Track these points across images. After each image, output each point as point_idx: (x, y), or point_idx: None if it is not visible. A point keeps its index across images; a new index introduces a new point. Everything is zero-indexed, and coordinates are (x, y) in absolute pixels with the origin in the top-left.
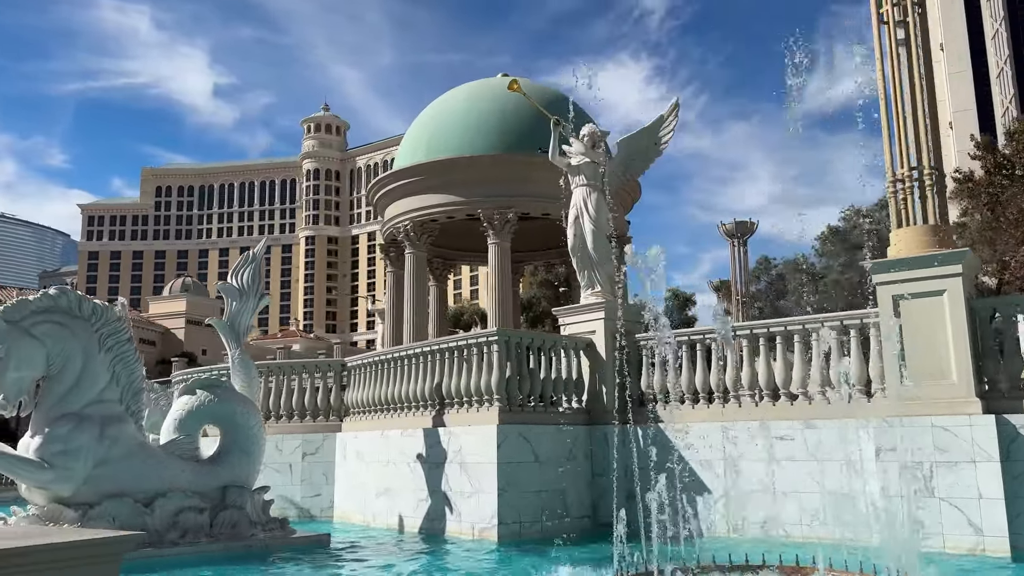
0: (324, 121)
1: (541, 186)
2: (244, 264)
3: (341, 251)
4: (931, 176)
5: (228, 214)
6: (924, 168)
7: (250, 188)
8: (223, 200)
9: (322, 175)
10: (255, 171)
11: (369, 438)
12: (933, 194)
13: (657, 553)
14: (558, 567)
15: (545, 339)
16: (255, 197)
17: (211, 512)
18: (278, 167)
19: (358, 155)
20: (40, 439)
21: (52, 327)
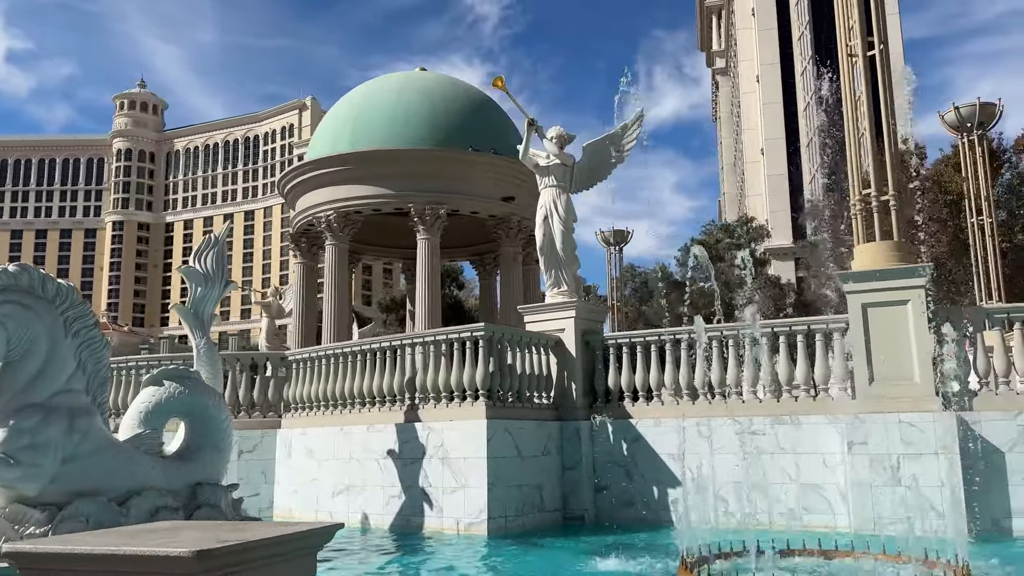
0: (139, 98)
1: (473, 184)
2: (207, 247)
3: (153, 239)
4: (894, 197)
5: (24, 192)
6: (888, 190)
7: (50, 165)
8: (17, 177)
9: (135, 156)
10: (57, 147)
11: (322, 434)
12: (896, 213)
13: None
14: (595, 558)
15: (522, 335)
16: (56, 175)
17: (184, 511)
18: (84, 144)
19: (176, 137)
20: (3, 432)
21: (13, 308)
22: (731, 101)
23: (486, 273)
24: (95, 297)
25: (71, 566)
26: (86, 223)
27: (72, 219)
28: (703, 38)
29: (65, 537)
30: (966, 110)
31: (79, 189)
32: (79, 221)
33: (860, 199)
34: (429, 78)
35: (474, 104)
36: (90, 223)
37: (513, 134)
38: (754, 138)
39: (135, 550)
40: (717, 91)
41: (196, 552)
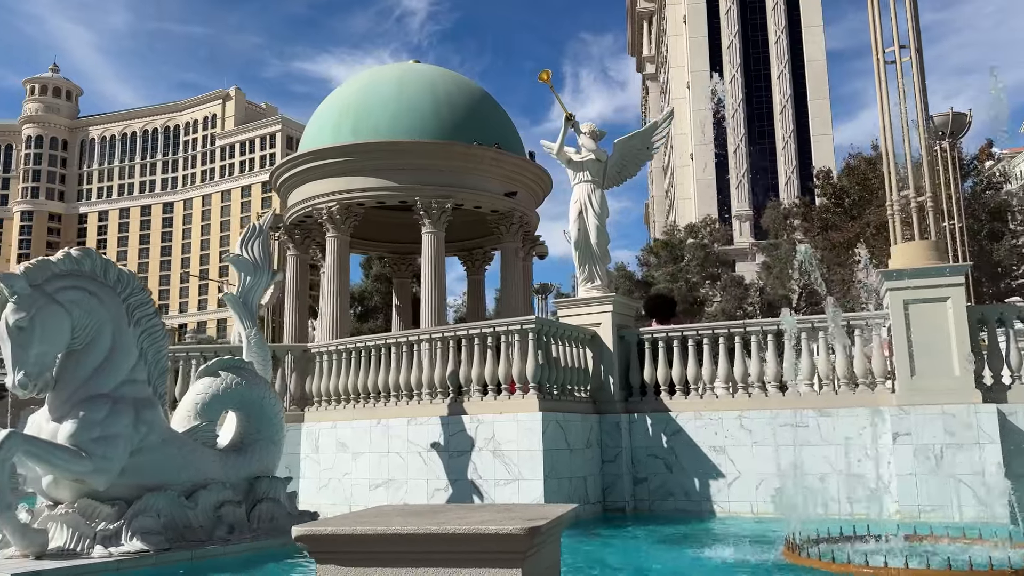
0: (52, 83)
1: (477, 178)
2: (252, 235)
3: (65, 230)
4: (930, 199)
5: None
6: (926, 191)
7: None
8: None
9: (46, 143)
10: None
11: (357, 428)
12: (933, 215)
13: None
14: (685, 548)
15: (565, 329)
16: None
17: (245, 504)
18: None
19: (91, 125)
20: (73, 424)
21: (79, 294)
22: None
23: (475, 269)
24: None
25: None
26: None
27: None
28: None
29: (353, 518)
30: (939, 119)
31: None
32: None
33: (897, 200)
34: (429, 70)
35: (476, 98)
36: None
37: (513, 130)
38: (684, 143)
39: (465, 528)
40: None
41: (528, 529)
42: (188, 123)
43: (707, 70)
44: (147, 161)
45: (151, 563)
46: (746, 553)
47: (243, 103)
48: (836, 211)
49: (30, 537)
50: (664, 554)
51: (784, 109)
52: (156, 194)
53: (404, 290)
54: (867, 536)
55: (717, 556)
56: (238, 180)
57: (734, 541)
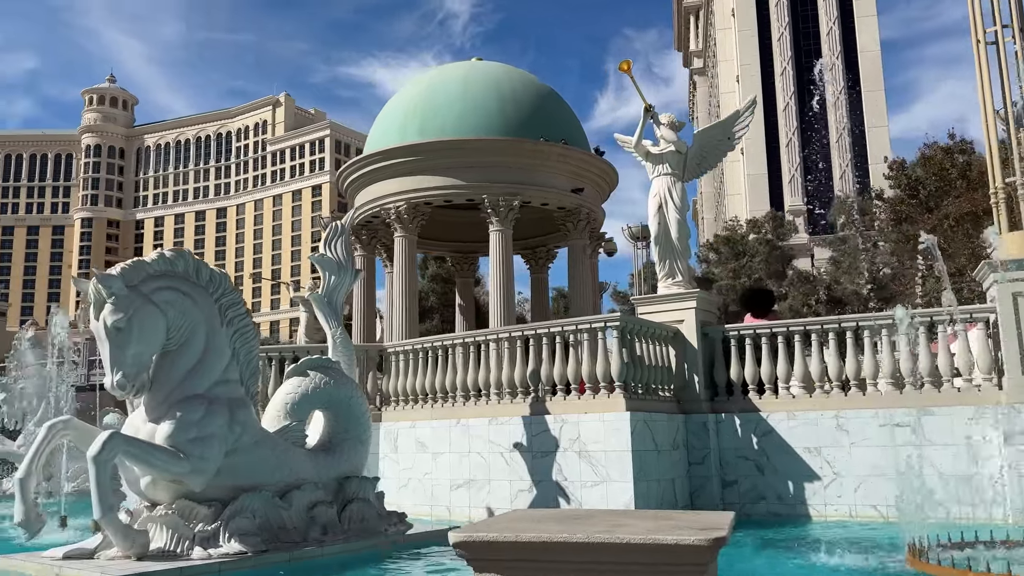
0: (109, 94)
1: (544, 175)
2: (335, 235)
3: (123, 236)
4: None
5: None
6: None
7: (17, 161)
8: None
9: (104, 152)
10: (22, 142)
11: (436, 427)
12: None
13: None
14: (814, 554)
15: (648, 326)
16: (23, 171)
17: (336, 504)
18: (51, 140)
19: (147, 133)
20: (170, 425)
21: (173, 294)
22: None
23: (538, 267)
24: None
25: (551, 556)
26: (54, 220)
27: (39, 215)
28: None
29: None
30: None
31: (47, 185)
32: (47, 218)
33: (1002, 187)
34: (493, 68)
35: (541, 95)
36: (58, 220)
37: (578, 126)
38: None
39: (641, 538)
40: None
41: (713, 540)
42: (239, 129)
43: (757, 63)
44: (200, 167)
45: (251, 565)
46: (863, 559)
47: (292, 109)
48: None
49: (132, 538)
50: (779, 561)
51: (837, 101)
52: (210, 200)
53: (467, 290)
54: (995, 542)
55: (835, 563)
56: (288, 185)
57: (844, 546)
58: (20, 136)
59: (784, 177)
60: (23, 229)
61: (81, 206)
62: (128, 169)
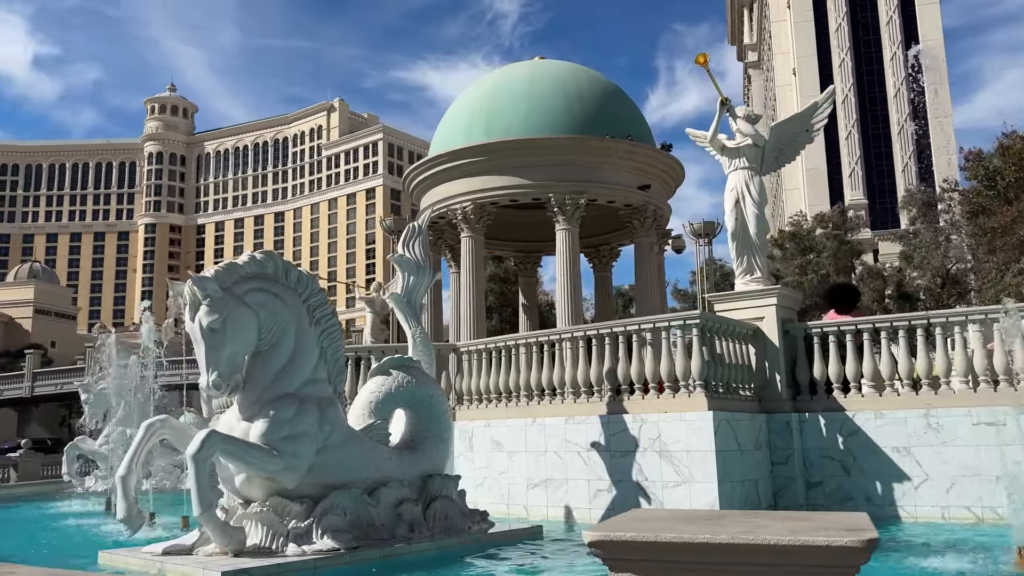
0: (170, 102)
1: (610, 173)
2: (413, 236)
3: (185, 241)
4: None
5: (58, 197)
6: None
7: (83, 169)
8: (52, 181)
9: (166, 159)
10: (89, 151)
11: (511, 426)
12: None
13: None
14: (915, 557)
15: (728, 324)
16: (89, 179)
17: (420, 502)
18: (115, 148)
19: (206, 140)
20: (263, 423)
21: (264, 296)
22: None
23: (602, 266)
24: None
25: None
26: (119, 226)
27: (105, 222)
28: (733, 32)
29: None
30: None
31: (111, 192)
32: (112, 224)
33: None
34: (558, 66)
35: (606, 92)
36: (123, 226)
37: (643, 122)
38: None
39: (790, 539)
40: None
41: (866, 541)
42: (296, 135)
43: (814, 55)
44: (258, 173)
45: (345, 562)
46: (967, 561)
47: (346, 114)
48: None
49: (230, 534)
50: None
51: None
52: (268, 204)
53: (531, 289)
54: None
55: (938, 566)
56: (343, 188)
57: (942, 548)
58: (86, 146)
59: (844, 171)
60: (90, 236)
61: (144, 212)
62: (189, 175)
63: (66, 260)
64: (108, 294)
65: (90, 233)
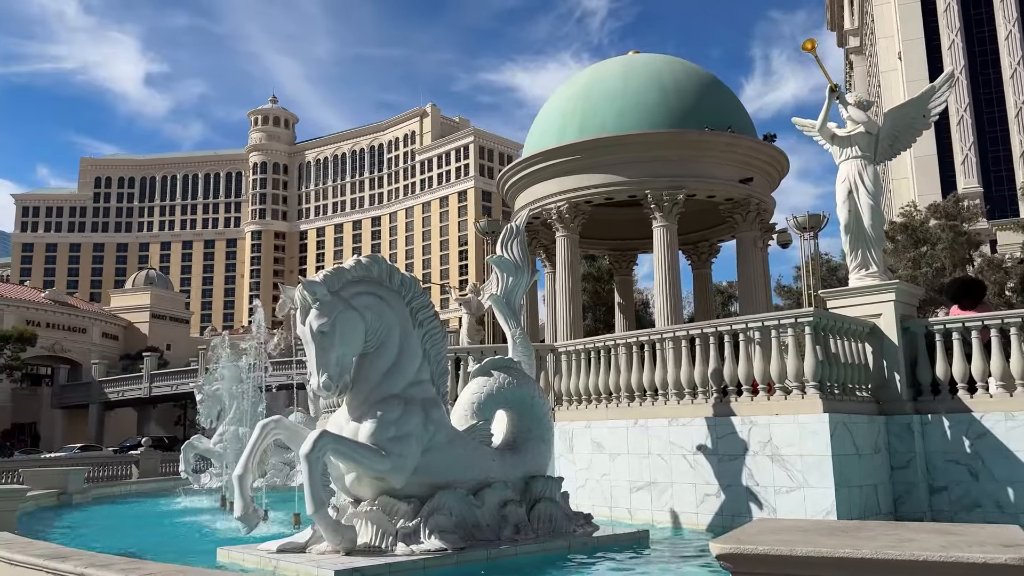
0: (272, 113)
1: (709, 166)
2: (510, 236)
3: (288, 246)
4: None
5: (170, 207)
6: None
7: (193, 180)
8: (165, 192)
9: (269, 168)
10: (198, 163)
11: (612, 428)
12: None
13: None
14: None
15: (844, 322)
16: (199, 190)
17: (524, 503)
18: (223, 159)
19: (307, 149)
20: (371, 423)
21: (370, 299)
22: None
23: (701, 263)
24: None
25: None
26: (227, 233)
27: (214, 230)
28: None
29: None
30: None
31: (219, 202)
32: (220, 232)
33: None
34: (652, 60)
35: (704, 83)
36: (231, 233)
37: (744, 113)
38: None
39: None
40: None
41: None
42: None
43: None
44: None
45: (452, 563)
46: None
47: (438, 118)
48: None
49: (341, 533)
50: None
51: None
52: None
53: (626, 287)
54: None
55: None
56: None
57: None
58: (195, 158)
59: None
60: (200, 243)
61: (251, 220)
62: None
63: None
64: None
65: (200, 241)
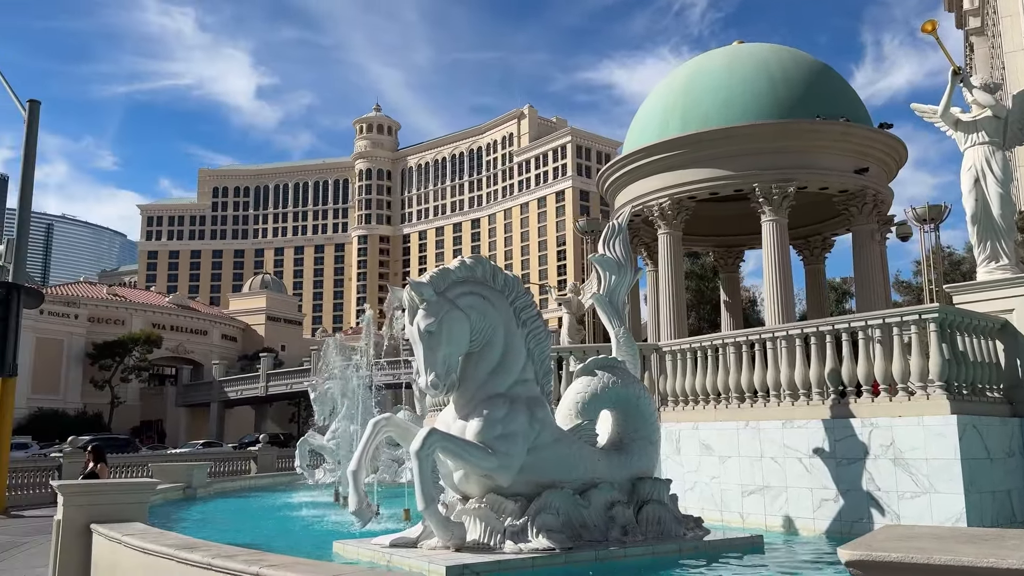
0: (376, 121)
1: (821, 157)
2: (613, 234)
3: (393, 250)
4: None
5: (283, 214)
6: None
7: (303, 188)
8: (277, 200)
9: (374, 175)
10: (308, 171)
11: (721, 429)
12: None
13: None
14: None
15: (972, 318)
16: (308, 197)
17: (632, 506)
18: (330, 167)
19: (409, 155)
20: (478, 422)
21: (475, 299)
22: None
23: (813, 258)
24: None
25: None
26: (335, 238)
27: (323, 235)
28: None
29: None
30: None
31: (328, 208)
32: (329, 237)
33: None
34: (758, 49)
35: (814, 71)
36: (339, 238)
37: (857, 101)
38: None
39: None
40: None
41: None
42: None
43: None
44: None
45: (561, 562)
46: None
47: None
48: None
49: (451, 529)
50: None
51: None
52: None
53: (733, 285)
54: None
55: None
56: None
57: None
58: (304, 166)
59: None
60: (311, 248)
61: (357, 225)
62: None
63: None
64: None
65: (311, 246)
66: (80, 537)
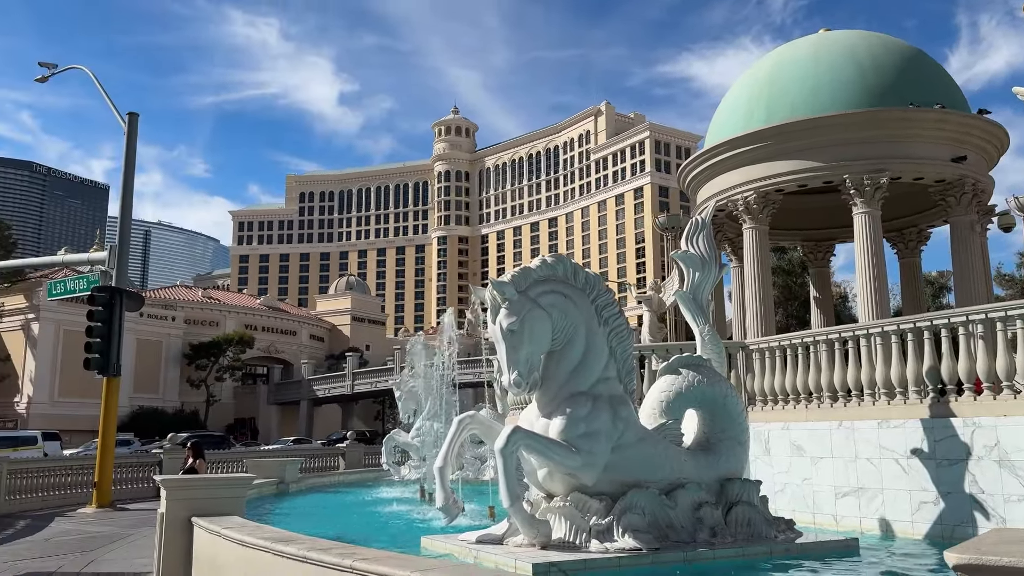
0: (454, 124)
1: (914, 146)
2: (696, 230)
3: (471, 250)
4: None
5: (365, 217)
6: None
7: (385, 191)
8: (360, 204)
9: (452, 177)
10: (388, 175)
11: (813, 430)
12: None
13: None
14: None
15: None
16: (390, 200)
17: (720, 507)
18: (410, 170)
19: (486, 156)
20: (561, 420)
21: (556, 298)
22: None
23: (908, 251)
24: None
25: None
26: (416, 240)
27: (404, 237)
28: None
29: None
30: None
31: (408, 211)
32: (410, 239)
33: None
34: (845, 36)
35: (906, 57)
36: (419, 240)
37: (953, 86)
38: None
39: None
40: None
41: None
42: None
43: None
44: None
45: (647, 563)
46: None
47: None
48: None
49: (536, 527)
50: None
51: None
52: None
53: (823, 280)
54: None
55: None
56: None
57: None
58: (386, 170)
59: None
60: (393, 250)
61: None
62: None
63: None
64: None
65: (393, 248)
66: (182, 530)
